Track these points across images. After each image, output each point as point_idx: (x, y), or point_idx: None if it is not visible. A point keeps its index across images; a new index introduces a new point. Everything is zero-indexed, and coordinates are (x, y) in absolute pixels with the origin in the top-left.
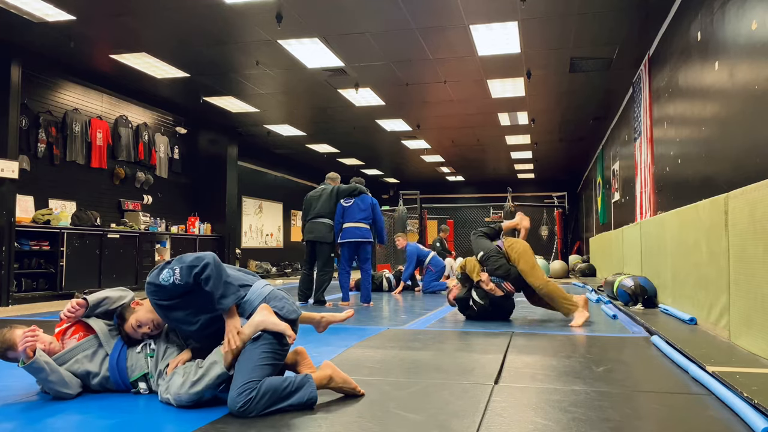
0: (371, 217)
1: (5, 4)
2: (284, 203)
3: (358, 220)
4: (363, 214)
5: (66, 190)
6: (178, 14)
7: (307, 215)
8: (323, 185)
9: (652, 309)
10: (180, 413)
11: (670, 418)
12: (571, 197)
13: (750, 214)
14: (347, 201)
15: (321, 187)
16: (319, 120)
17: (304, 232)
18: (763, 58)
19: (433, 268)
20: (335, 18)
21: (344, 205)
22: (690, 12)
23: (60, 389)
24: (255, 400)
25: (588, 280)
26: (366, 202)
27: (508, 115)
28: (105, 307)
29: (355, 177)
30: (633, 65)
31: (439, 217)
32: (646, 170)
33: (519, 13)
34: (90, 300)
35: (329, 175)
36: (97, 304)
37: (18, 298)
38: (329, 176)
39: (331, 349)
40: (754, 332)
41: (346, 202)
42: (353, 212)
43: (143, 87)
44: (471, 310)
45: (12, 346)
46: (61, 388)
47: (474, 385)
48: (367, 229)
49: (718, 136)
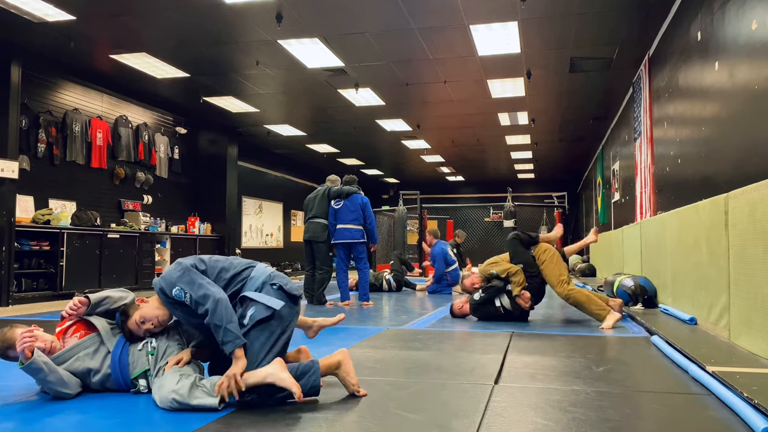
0: (362, 217)
1: (5, 4)
2: (284, 203)
3: (348, 222)
4: (353, 215)
5: (66, 190)
6: (178, 14)
7: (306, 216)
8: (322, 186)
9: (652, 309)
10: (180, 413)
11: (670, 418)
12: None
13: (750, 214)
14: (337, 203)
15: (320, 187)
16: (319, 120)
17: (303, 233)
18: (763, 58)
19: (450, 279)
20: (335, 18)
21: (335, 207)
22: (690, 12)
23: (59, 389)
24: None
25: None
26: (355, 202)
27: (508, 115)
28: (106, 306)
29: (348, 175)
30: (633, 65)
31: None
32: (646, 170)
33: (519, 13)
34: (92, 298)
35: (329, 177)
36: (98, 302)
37: (18, 298)
38: (329, 178)
39: (332, 349)
40: (754, 332)
41: (336, 204)
42: (343, 214)
43: (143, 87)
44: (490, 312)
45: (12, 345)
46: (60, 388)
47: (474, 385)
48: (358, 230)
49: (717, 136)
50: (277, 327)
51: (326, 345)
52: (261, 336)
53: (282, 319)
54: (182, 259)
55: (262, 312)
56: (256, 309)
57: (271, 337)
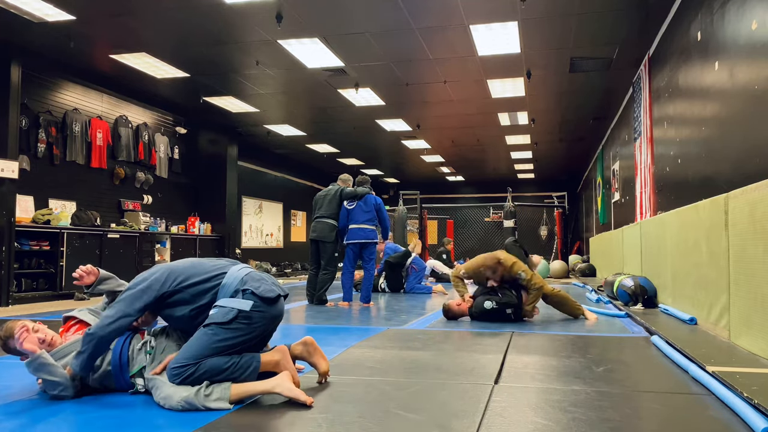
0: (376, 217)
1: (5, 4)
2: (284, 203)
3: (362, 222)
4: (367, 216)
5: (66, 190)
6: (178, 14)
7: (313, 214)
8: (333, 185)
9: (652, 309)
10: (179, 413)
11: (670, 418)
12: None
13: (750, 214)
14: (350, 204)
15: (330, 187)
16: (319, 120)
17: (309, 231)
18: (763, 58)
19: (416, 267)
20: (335, 18)
21: (347, 207)
22: (690, 12)
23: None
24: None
25: (588, 280)
26: (369, 203)
27: (508, 115)
28: (111, 286)
29: (360, 176)
30: (633, 65)
31: (439, 217)
32: (646, 170)
33: (519, 13)
34: (101, 272)
35: (341, 176)
36: (105, 278)
37: (18, 298)
38: (341, 177)
39: (332, 349)
40: (754, 332)
41: (349, 205)
42: (357, 214)
43: (143, 87)
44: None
45: (12, 335)
46: (58, 387)
47: (474, 385)
48: (372, 230)
49: (718, 136)
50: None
51: (327, 345)
52: (204, 337)
53: (250, 320)
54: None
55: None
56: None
57: (217, 340)
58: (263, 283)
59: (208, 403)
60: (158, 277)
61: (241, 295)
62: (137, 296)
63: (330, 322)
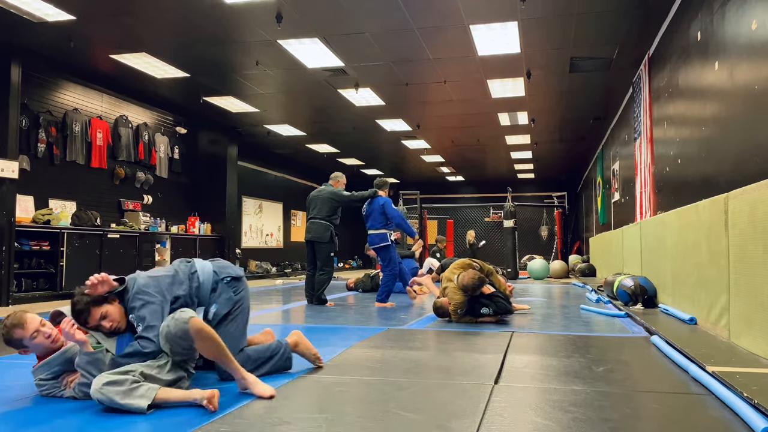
0: (384, 220)
1: (5, 4)
2: (284, 203)
3: (371, 227)
4: (374, 220)
5: (66, 190)
6: (178, 14)
7: (307, 214)
8: (326, 185)
9: (652, 309)
10: (179, 413)
11: (670, 418)
12: (571, 197)
13: (750, 214)
14: (364, 208)
15: (323, 186)
16: (319, 120)
17: (305, 232)
18: (763, 58)
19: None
20: (335, 18)
21: (363, 213)
22: (690, 12)
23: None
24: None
25: (588, 280)
26: (374, 206)
27: (508, 115)
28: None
29: (377, 179)
30: (633, 65)
31: (439, 217)
32: (646, 170)
33: (519, 13)
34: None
35: (332, 174)
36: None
37: (18, 298)
38: (332, 176)
39: (332, 348)
40: (754, 332)
41: (364, 210)
42: (367, 220)
43: (143, 87)
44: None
45: (21, 324)
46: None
47: (474, 385)
48: (377, 235)
49: (718, 136)
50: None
51: (327, 345)
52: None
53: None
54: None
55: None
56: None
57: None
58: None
59: (130, 399)
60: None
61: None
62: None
63: (330, 322)
